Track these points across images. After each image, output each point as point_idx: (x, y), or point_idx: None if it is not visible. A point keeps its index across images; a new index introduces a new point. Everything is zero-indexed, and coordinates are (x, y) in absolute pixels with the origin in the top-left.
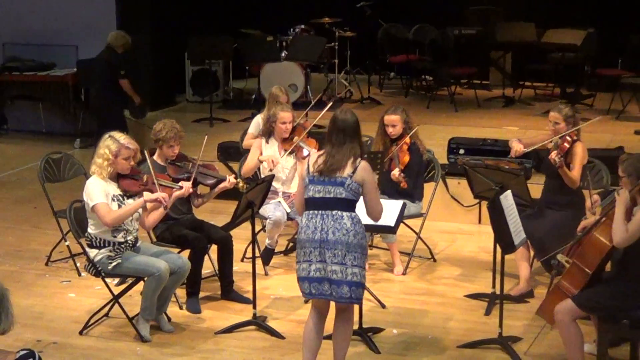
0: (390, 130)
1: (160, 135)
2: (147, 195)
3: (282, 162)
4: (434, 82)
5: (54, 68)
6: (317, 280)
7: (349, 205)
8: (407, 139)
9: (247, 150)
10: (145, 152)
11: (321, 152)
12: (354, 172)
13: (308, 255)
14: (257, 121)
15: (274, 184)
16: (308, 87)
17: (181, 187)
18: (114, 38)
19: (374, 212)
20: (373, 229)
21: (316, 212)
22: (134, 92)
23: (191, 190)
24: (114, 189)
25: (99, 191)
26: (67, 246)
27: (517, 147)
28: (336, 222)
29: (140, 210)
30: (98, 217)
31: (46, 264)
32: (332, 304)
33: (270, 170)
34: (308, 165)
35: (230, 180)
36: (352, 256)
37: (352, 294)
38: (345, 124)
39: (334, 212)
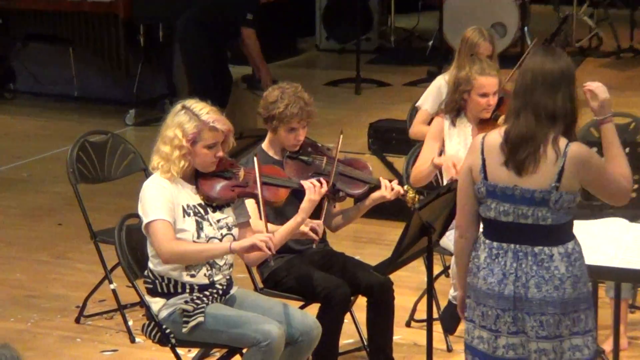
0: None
1: (275, 110)
2: (240, 242)
3: None
4: None
5: None
6: None
7: (560, 233)
8: None
9: (419, 141)
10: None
11: (497, 130)
12: (560, 173)
13: (491, 320)
14: (437, 87)
15: None
16: (525, 29)
17: (304, 189)
18: None
19: (618, 189)
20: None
21: (504, 245)
22: (260, 54)
23: (322, 192)
24: (188, 196)
25: (159, 200)
26: (114, 291)
27: None
28: (541, 268)
29: (235, 232)
30: (152, 243)
31: (77, 321)
32: None
33: (451, 179)
34: (483, 157)
35: (391, 188)
36: (571, 319)
37: None
38: (545, 76)
39: (536, 250)
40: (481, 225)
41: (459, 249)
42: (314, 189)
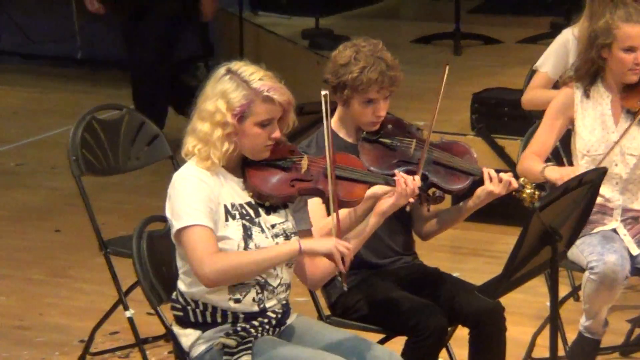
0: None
1: (347, 75)
2: (314, 242)
3: (624, 139)
4: None
5: None
6: None
7: None
8: None
9: (535, 113)
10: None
11: None
12: None
13: None
14: (563, 45)
15: (604, 190)
16: None
17: (393, 190)
18: None
19: None
20: None
21: None
22: None
23: (414, 197)
24: (233, 192)
25: (197, 199)
26: (130, 320)
27: None
28: None
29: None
30: (188, 258)
31: (82, 358)
32: None
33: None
34: None
35: (498, 179)
36: None
37: None
38: None
39: None
40: None
41: None
42: (405, 188)
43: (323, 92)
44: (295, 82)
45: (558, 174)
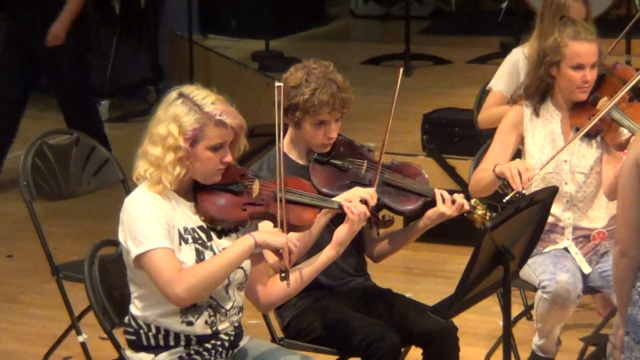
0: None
1: (299, 97)
2: (266, 234)
3: (574, 157)
4: None
5: None
6: None
7: None
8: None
9: (485, 133)
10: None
11: None
12: None
13: None
14: (514, 64)
15: (555, 209)
16: None
17: (343, 212)
18: None
19: None
20: None
21: None
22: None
23: (367, 218)
24: (185, 215)
25: (154, 222)
26: (83, 345)
27: None
28: None
29: (246, 265)
30: (155, 282)
31: None
32: None
33: (517, 192)
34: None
35: (451, 201)
36: None
37: None
38: None
39: None
40: None
41: (620, 271)
42: (357, 213)
43: (277, 84)
44: (245, 105)
45: (507, 165)
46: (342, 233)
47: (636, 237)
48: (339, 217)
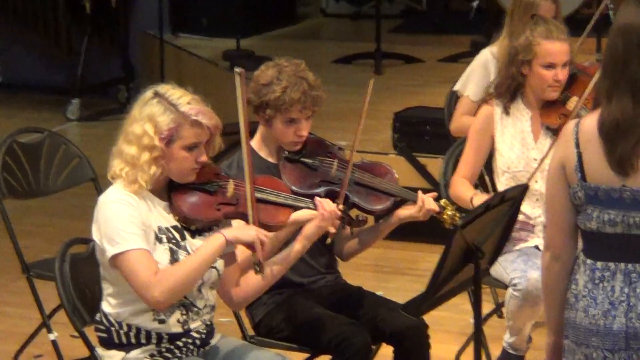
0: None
1: (269, 95)
2: (236, 230)
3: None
4: None
5: None
6: None
7: None
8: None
9: (461, 138)
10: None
11: (591, 115)
12: None
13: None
14: (483, 64)
15: (525, 207)
16: None
17: (315, 212)
18: None
19: None
20: None
21: (611, 266)
22: None
23: (337, 219)
24: (160, 215)
25: (131, 222)
26: (54, 343)
27: None
28: None
29: (219, 265)
30: (131, 284)
31: None
32: None
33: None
34: (579, 151)
35: (424, 203)
36: None
37: None
38: None
39: None
40: (579, 242)
41: (552, 276)
42: (326, 212)
43: (237, 69)
44: (216, 104)
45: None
46: (309, 227)
47: (569, 240)
48: None
